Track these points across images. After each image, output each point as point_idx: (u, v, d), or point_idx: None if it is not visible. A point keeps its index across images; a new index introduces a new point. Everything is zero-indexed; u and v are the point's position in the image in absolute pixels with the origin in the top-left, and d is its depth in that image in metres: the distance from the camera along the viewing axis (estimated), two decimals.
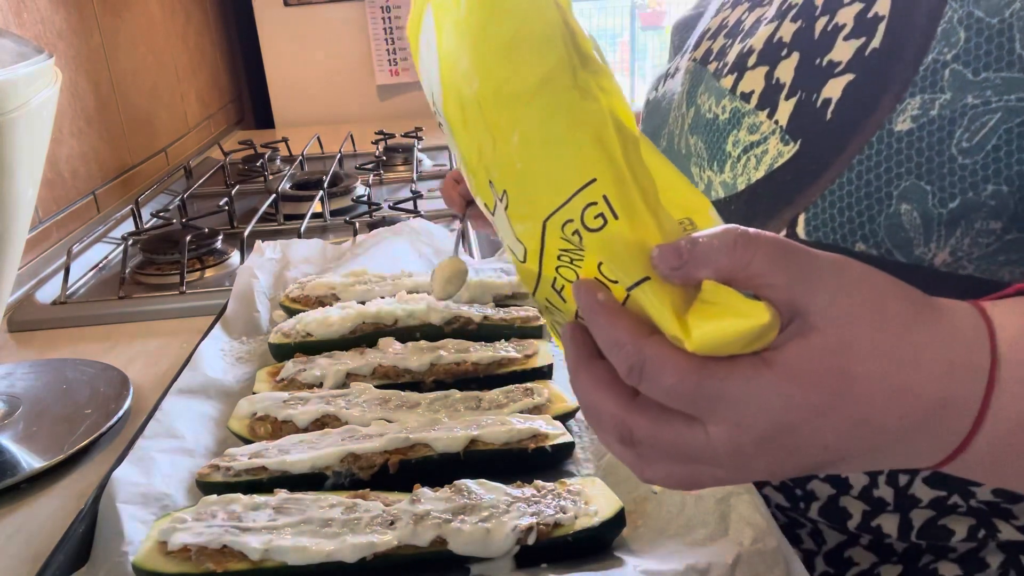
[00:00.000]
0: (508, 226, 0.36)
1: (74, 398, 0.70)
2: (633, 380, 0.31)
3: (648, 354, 0.30)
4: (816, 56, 0.46)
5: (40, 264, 1.01)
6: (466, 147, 0.37)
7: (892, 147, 0.41)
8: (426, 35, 0.39)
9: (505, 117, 0.33)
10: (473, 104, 0.35)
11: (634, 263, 0.30)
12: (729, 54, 0.53)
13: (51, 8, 1.13)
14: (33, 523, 0.56)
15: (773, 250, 0.30)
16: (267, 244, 0.94)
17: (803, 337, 0.29)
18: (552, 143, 0.32)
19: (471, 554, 0.48)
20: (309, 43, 1.89)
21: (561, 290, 0.35)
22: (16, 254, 0.62)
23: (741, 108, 0.49)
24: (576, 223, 0.31)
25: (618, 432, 0.32)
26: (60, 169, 1.11)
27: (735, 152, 0.49)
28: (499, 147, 0.34)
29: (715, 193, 0.51)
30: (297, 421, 0.61)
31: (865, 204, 0.42)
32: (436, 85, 0.38)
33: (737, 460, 0.30)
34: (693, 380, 0.29)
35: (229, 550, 0.47)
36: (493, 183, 0.35)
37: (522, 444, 0.57)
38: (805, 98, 0.45)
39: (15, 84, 0.54)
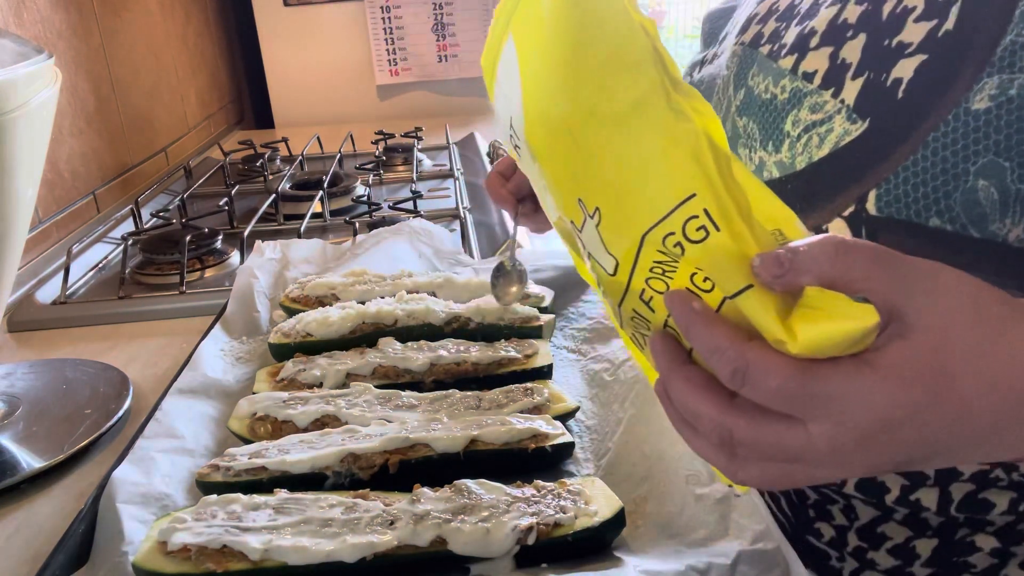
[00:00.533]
0: (599, 241, 0.37)
1: (74, 398, 0.70)
2: (736, 384, 0.32)
3: (751, 358, 0.31)
4: (884, 37, 0.46)
5: (40, 264, 1.01)
6: (552, 168, 0.39)
7: (969, 125, 0.41)
8: (506, 63, 0.41)
9: (599, 138, 0.35)
10: (562, 127, 0.37)
11: (736, 272, 0.32)
12: (786, 36, 0.53)
13: (51, 8, 1.13)
14: (33, 523, 0.56)
15: (872, 255, 0.31)
16: (267, 244, 0.94)
17: (903, 338, 0.30)
18: (649, 161, 0.33)
19: (471, 554, 0.48)
20: (309, 43, 1.90)
21: (650, 301, 0.36)
22: (16, 254, 0.62)
23: (803, 87, 0.50)
24: (678, 235, 0.33)
25: (717, 434, 0.33)
26: (60, 169, 1.11)
27: (794, 131, 0.50)
28: (591, 166, 0.36)
29: (768, 173, 0.52)
30: (297, 421, 0.61)
31: (941, 180, 0.42)
32: (517, 110, 0.40)
33: (837, 458, 0.31)
34: (798, 381, 0.30)
35: (229, 550, 0.47)
36: (583, 201, 0.37)
37: (522, 444, 0.57)
38: (874, 78, 0.46)
39: (15, 84, 0.54)
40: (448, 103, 1.96)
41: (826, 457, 0.31)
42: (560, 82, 0.36)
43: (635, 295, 0.37)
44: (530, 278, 0.84)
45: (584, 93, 0.35)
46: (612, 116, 0.34)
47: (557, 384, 0.68)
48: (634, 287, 0.36)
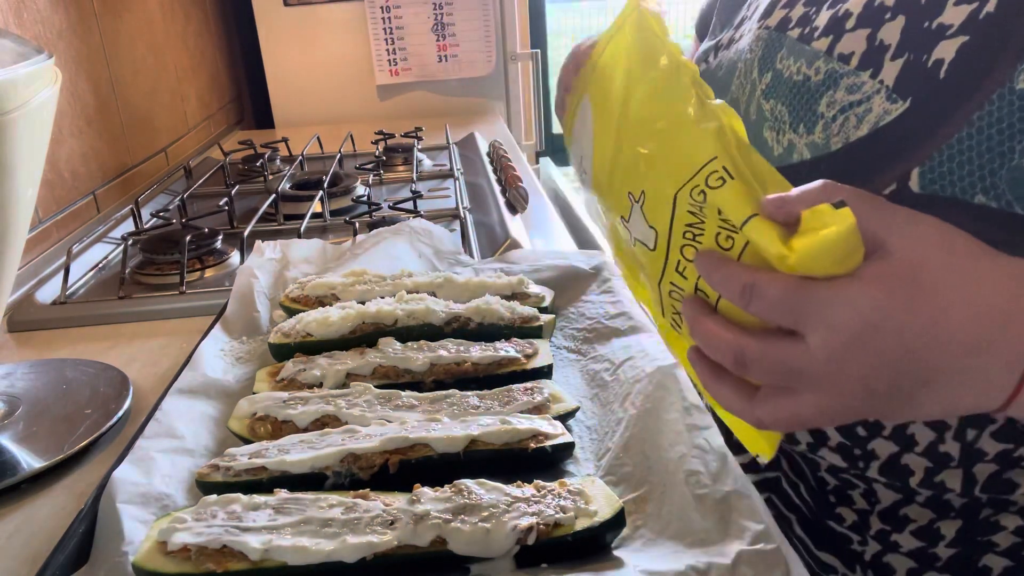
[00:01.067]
0: (643, 220, 0.45)
1: (74, 398, 0.70)
2: (745, 299, 0.37)
3: (756, 277, 0.36)
4: (924, 20, 0.47)
5: (40, 264, 1.01)
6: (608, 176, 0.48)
7: (1014, 104, 0.42)
8: (582, 117, 0.52)
9: (643, 137, 0.44)
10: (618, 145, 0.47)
11: (746, 206, 0.37)
12: (817, 19, 0.54)
13: (51, 8, 1.12)
14: (33, 523, 0.56)
15: (858, 192, 0.36)
16: (267, 244, 0.94)
17: (883, 259, 0.35)
18: (684, 140, 0.41)
19: (471, 554, 0.48)
20: (309, 43, 1.89)
21: (684, 271, 0.43)
22: (16, 254, 0.62)
23: (839, 68, 0.51)
24: (701, 186, 0.39)
25: (732, 354, 0.38)
26: (60, 169, 1.11)
27: (829, 113, 0.51)
28: (642, 161, 0.44)
29: (799, 155, 0.53)
30: (297, 421, 0.61)
31: (987, 158, 0.43)
32: (588, 150, 0.51)
33: (833, 367, 0.35)
34: (796, 289, 0.35)
35: (229, 550, 0.47)
36: (632, 192, 0.45)
37: (522, 444, 0.57)
38: (914, 59, 0.47)
39: (15, 84, 0.54)
40: (448, 103, 1.96)
41: (824, 366, 0.35)
42: (621, 106, 0.46)
43: (672, 267, 0.43)
44: (530, 279, 0.84)
45: (640, 109, 0.45)
46: (660, 119, 0.43)
47: (557, 384, 0.68)
48: (671, 259, 0.43)
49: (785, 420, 0.38)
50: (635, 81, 0.46)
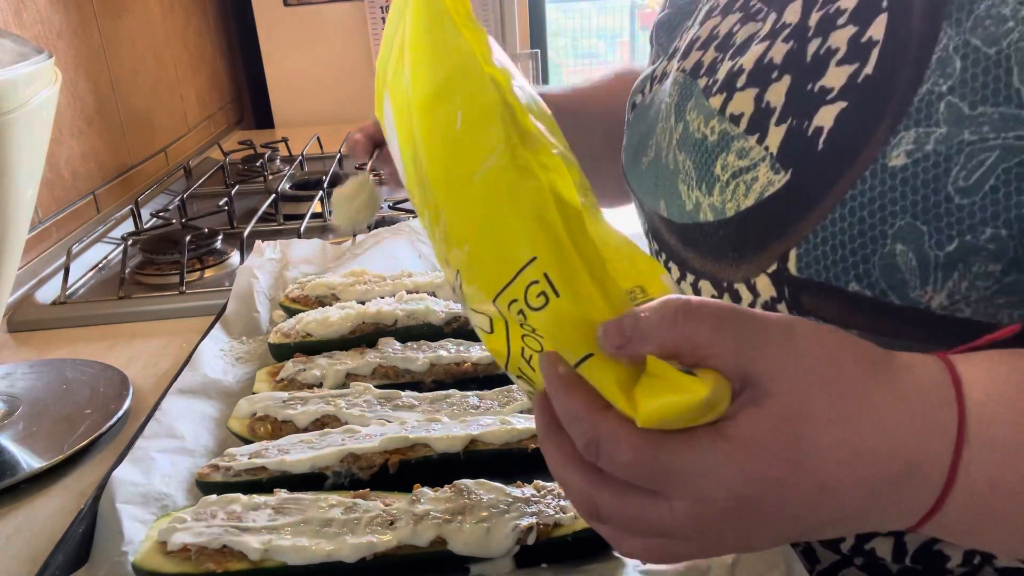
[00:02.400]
0: (465, 303, 0.37)
1: (74, 398, 0.70)
2: (591, 456, 0.31)
3: (603, 429, 0.30)
4: (808, 81, 0.43)
5: (40, 264, 1.01)
6: (427, 223, 0.38)
7: (886, 183, 0.38)
8: (387, 117, 0.40)
9: (452, 198, 0.34)
10: (427, 184, 0.36)
11: (577, 340, 0.30)
12: (719, 71, 0.50)
13: (51, 8, 1.12)
14: (33, 523, 0.56)
15: (716, 320, 0.29)
16: (267, 244, 0.94)
17: (756, 406, 0.29)
18: (494, 223, 0.32)
19: (471, 554, 0.48)
20: (309, 43, 1.89)
21: (530, 360, 0.35)
22: (16, 254, 0.62)
23: (730, 131, 0.47)
24: (520, 302, 0.32)
25: (585, 507, 0.32)
26: (60, 169, 1.11)
27: (723, 176, 0.47)
28: (450, 227, 0.35)
29: (704, 215, 0.49)
30: (297, 421, 0.61)
31: (859, 242, 0.39)
32: (399, 163, 0.40)
33: (704, 533, 0.30)
34: (648, 455, 0.29)
35: (229, 550, 0.47)
36: (448, 262, 0.36)
37: (522, 444, 0.57)
38: (796, 125, 0.43)
39: (15, 84, 0.54)
40: None
41: (693, 533, 0.30)
42: (423, 139, 0.35)
43: (517, 355, 0.35)
44: None
45: (440, 151, 0.35)
46: (462, 176, 0.33)
47: None
48: (513, 347, 0.35)
49: (657, 559, 0.33)
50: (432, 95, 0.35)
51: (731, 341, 0.29)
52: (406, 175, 0.39)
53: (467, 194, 0.33)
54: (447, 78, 0.34)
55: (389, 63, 0.39)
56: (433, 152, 0.35)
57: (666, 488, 0.30)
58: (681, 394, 0.28)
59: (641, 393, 0.29)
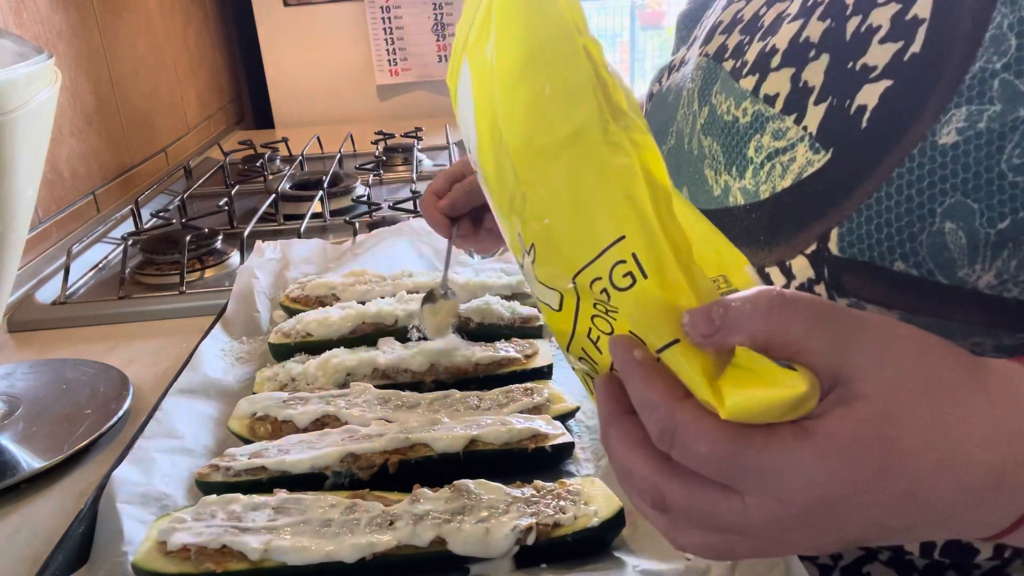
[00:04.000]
0: (535, 279, 0.35)
1: (74, 398, 0.70)
2: (664, 445, 0.30)
3: (680, 419, 0.29)
4: (848, 59, 0.43)
5: (40, 264, 1.01)
6: (499, 196, 0.37)
7: (936, 161, 0.38)
8: (463, 83, 0.39)
9: (535, 170, 0.33)
10: (506, 155, 0.35)
11: (663, 325, 0.29)
12: (748, 52, 0.50)
13: (51, 8, 1.13)
14: (33, 523, 0.56)
15: (812, 314, 0.28)
16: (267, 244, 0.94)
17: (846, 406, 0.28)
18: (581, 199, 0.31)
19: (470, 554, 0.48)
20: (309, 43, 1.89)
21: (596, 341, 0.34)
22: (16, 254, 0.62)
23: (764, 111, 0.46)
24: (604, 281, 0.31)
25: (650, 496, 0.31)
26: (60, 169, 1.11)
27: (757, 158, 0.46)
28: (528, 200, 0.34)
29: (734, 199, 0.48)
30: (297, 421, 0.61)
31: (906, 221, 0.39)
32: (472, 132, 0.38)
33: (775, 533, 0.29)
34: (728, 450, 0.28)
35: (228, 550, 0.47)
36: (521, 236, 0.35)
37: (522, 444, 0.57)
38: (837, 104, 0.42)
39: (15, 84, 0.54)
40: (448, 103, 1.95)
41: (764, 532, 0.29)
42: (503, 108, 0.34)
43: (582, 334, 0.34)
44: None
45: (524, 121, 0.33)
46: (548, 147, 0.32)
47: (557, 384, 0.68)
48: (580, 327, 0.34)
49: (714, 555, 0.32)
50: (519, 66, 0.34)
51: (826, 337, 0.28)
52: (478, 144, 0.38)
53: (552, 167, 0.32)
54: (538, 45, 0.33)
55: (472, 27, 0.37)
56: (516, 121, 0.34)
57: (743, 484, 0.29)
58: (775, 388, 0.27)
59: (727, 384, 0.28)
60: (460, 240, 0.69)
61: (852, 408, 0.28)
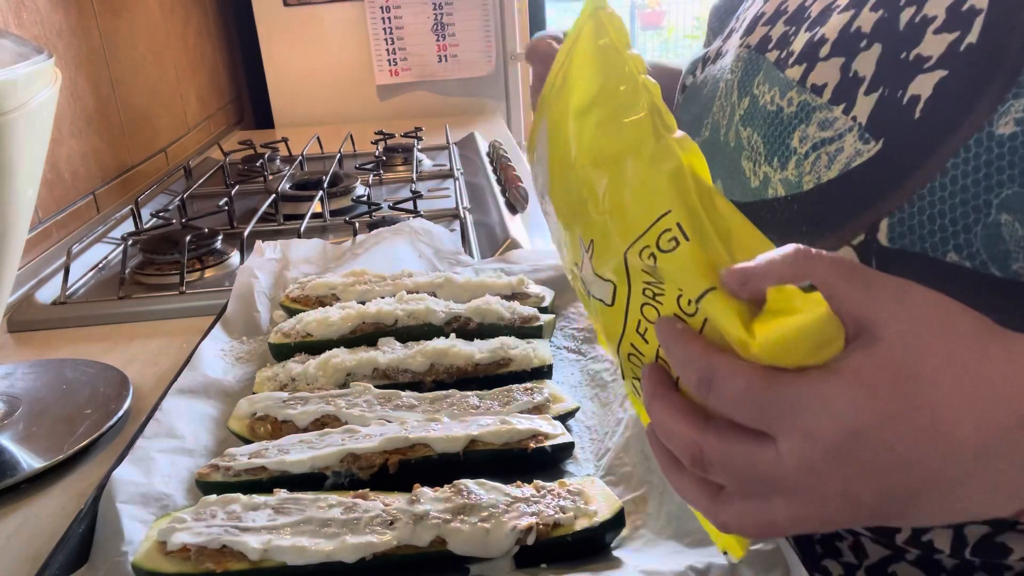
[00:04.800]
0: (592, 272, 0.40)
1: (74, 398, 0.70)
2: (703, 391, 0.32)
3: (716, 363, 0.31)
4: (902, 50, 0.42)
5: (40, 264, 1.01)
6: (564, 215, 0.44)
7: (993, 152, 0.37)
8: (541, 138, 0.47)
9: (600, 173, 0.39)
10: (573, 171, 0.41)
11: (702, 276, 0.32)
12: (794, 42, 0.49)
13: (51, 8, 1.13)
14: (33, 523, 0.56)
15: (836, 263, 0.31)
16: (267, 244, 0.94)
17: (868, 347, 0.29)
18: (634, 185, 0.36)
19: (470, 554, 0.48)
20: (309, 43, 1.89)
21: (644, 333, 0.37)
22: (16, 254, 0.62)
23: (811, 101, 0.46)
24: (652, 247, 0.34)
25: (690, 453, 0.33)
26: (60, 169, 1.11)
27: (802, 148, 0.46)
28: (591, 202, 0.39)
29: (774, 191, 0.48)
30: (297, 421, 0.61)
31: (960, 212, 0.38)
32: (545, 179, 0.46)
33: (809, 479, 0.30)
34: (760, 385, 0.30)
35: (228, 550, 0.47)
36: (582, 238, 0.41)
37: (522, 444, 0.57)
38: (888, 94, 0.42)
39: (15, 84, 0.54)
40: (448, 103, 1.96)
41: (798, 478, 0.30)
42: (577, 131, 0.41)
43: (632, 329, 0.38)
44: (530, 278, 0.84)
45: (593, 138, 0.40)
46: (613, 155, 0.38)
47: (557, 384, 0.68)
48: (630, 321, 0.38)
49: (753, 527, 0.33)
50: (588, 102, 0.41)
51: (848, 283, 0.30)
52: (550, 185, 0.45)
53: (614, 168, 0.38)
54: (607, 82, 0.40)
55: (551, 95, 0.45)
56: (586, 139, 0.41)
57: (775, 423, 0.30)
58: (800, 314, 0.30)
59: (759, 324, 0.31)
60: None
61: (875, 348, 0.29)
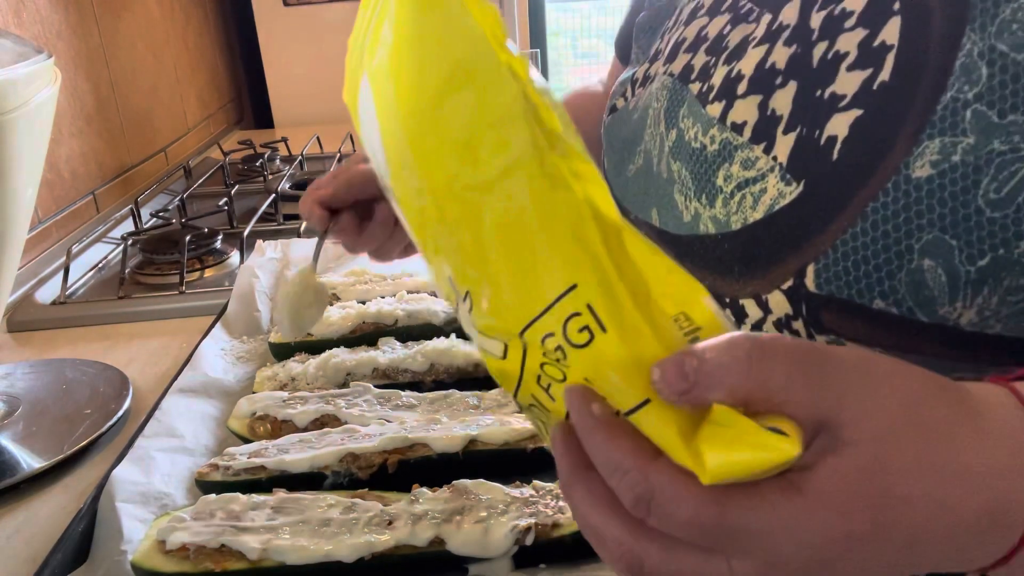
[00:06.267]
0: (474, 328, 0.32)
1: (74, 398, 0.70)
2: (640, 512, 0.27)
3: (656, 483, 0.26)
4: (816, 87, 0.41)
5: (40, 264, 1.01)
6: (420, 233, 0.33)
7: (911, 195, 0.36)
8: (364, 106, 0.34)
9: (462, 211, 0.29)
10: (424, 190, 0.31)
11: (631, 385, 0.26)
12: (714, 76, 0.48)
13: (51, 8, 1.13)
14: (33, 523, 0.56)
15: (793, 362, 0.26)
16: (268, 244, 0.94)
17: (835, 455, 0.26)
18: (521, 243, 0.28)
19: (469, 554, 0.48)
20: (309, 43, 1.89)
21: (548, 388, 0.30)
22: (16, 254, 0.62)
23: (733, 140, 0.45)
24: (558, 337, 0.27)
25: (625, 562, 0.29)
26: (60, 169, 1.11)
27: (727, 187, 0.44)
28: (459, 242, 0.30)
29: (705, 227, 0.47)
30: (297, 421, 0.61)
31: (883, 258, 0.37)
32: (381, 158, 0.34)
33: None
34: (712, 512, 0.26)
35: (227, 549, 0.47)
36: (453, 281, 0.31)
37: (521, 444, 0.57)
38: (807, 134, 0.41)
39: (15, 84, 0.54)
40: None
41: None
42: (417, 137, 0.30)
43: (531, 382, 0.31)
44: None
45: (445, 155, 0.29)
46: (476, 185, 0.28)
47: None
48: (528, 374, 0.30)
49: None
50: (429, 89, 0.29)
51: (808, 386, 0.26)
52: (390, 171, 0.33)
53: (483, 206, 0.28)
54: (451, 69, 0.28)
55: (367, 40, 0.33)
56: (433, 156, 0.30)
57: (729, 548, 0.27)
58: (763, 451, 0.25)
59: (707, 445, 0.25)
60: (341, 234, 0.62)
61: (842, 457, 0.26)
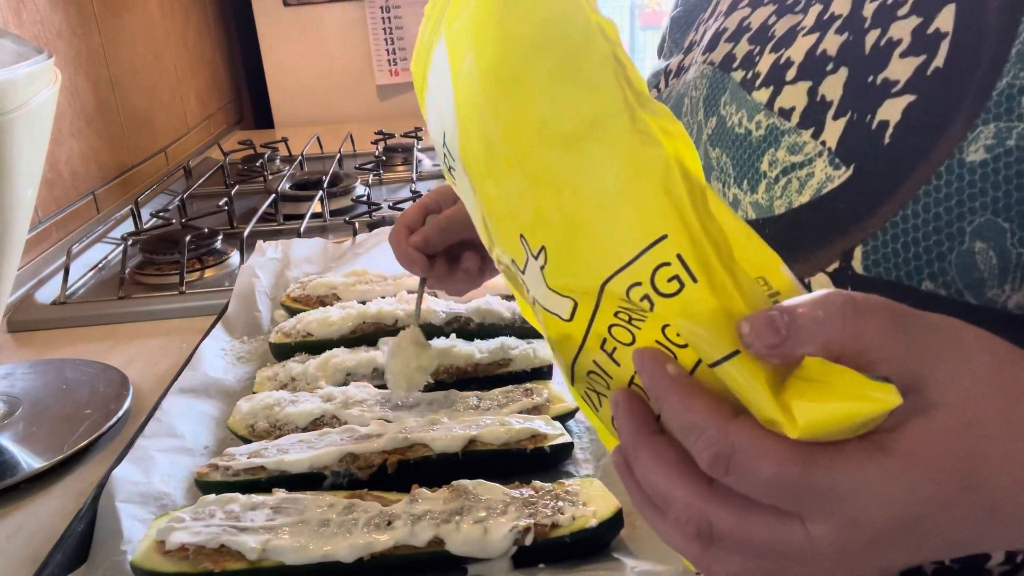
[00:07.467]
0: (545, 286, 0.32)
1: (74, 398, 0.70)
2: (718, 471, 0.26)
3: (737, 441, 0.26)
4: (868, 73, 0.41)
5: (40, 264, 1.01)
6: (488, 193, 0.33)
7: (964, 179, 0.36)
8: (437, 71, 0.35)
9: (546, 162, 0.29)
10: (502, 147, 0.31)
11: (721, 335, 0.26)
12: (760, 63, 0.48)
13: (51, 8, 1.13)
14: (33, 523, 0.56)
15: (886, 318, 0.26)
16: (268, 244, 0.94)
17: (924, 416, 0.26)
18: (610, 194, 0.28)
19: (468, 554, 0.48)
20: (309, 43, 1.90)
21: (613, 352, 0.30)
22: (16, 254, 0.62)
23: (779, 125, 0.45)
24: (645, 286, 0.27)
25: (694, 524, 0.28)
26: (60, 169, 1.11)
27: (772, 172, 0.45)
28: (538, 196, 0.30)
29: (744, 213, 0.47)
30: (297, 421, 0.61)
31: (934, 240, 0.38)
32: (451, 125, 0.34)
33: (843, 561, 0.27)
34: (795, 470, 0.25)
35: (227, 549, 0.47)
36: (525, 237, 0.32)
37: (521, 444, 0.57)
38: (857, 119, 0.41)
39: (15, 84, 0.54)
40: None
41: (830, 560, 0.27)
42: (500, 93, 0.30)
43: (595, 347, 0.31)
44: None
45: (529, 108, 0.30)
46: (563, 137, 0.29)
47: (557, 384, 0.68)
48: (593, 337, 0.31)
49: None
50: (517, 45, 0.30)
51: (901, 344, 0.26)
52: (460, 135, 0.34)
53: (569, 160, 0.29)
54: (541, 27, 0.29)
55: (447, 6, 0.34)
56: (515, 114, 0.30)
57: (810, 509, 0.26)
58: (861, 402, 0.24)
59: (797, 399, 0.25)
60: (435, 281, 0.65)
61: (931, 418, 0.26)
